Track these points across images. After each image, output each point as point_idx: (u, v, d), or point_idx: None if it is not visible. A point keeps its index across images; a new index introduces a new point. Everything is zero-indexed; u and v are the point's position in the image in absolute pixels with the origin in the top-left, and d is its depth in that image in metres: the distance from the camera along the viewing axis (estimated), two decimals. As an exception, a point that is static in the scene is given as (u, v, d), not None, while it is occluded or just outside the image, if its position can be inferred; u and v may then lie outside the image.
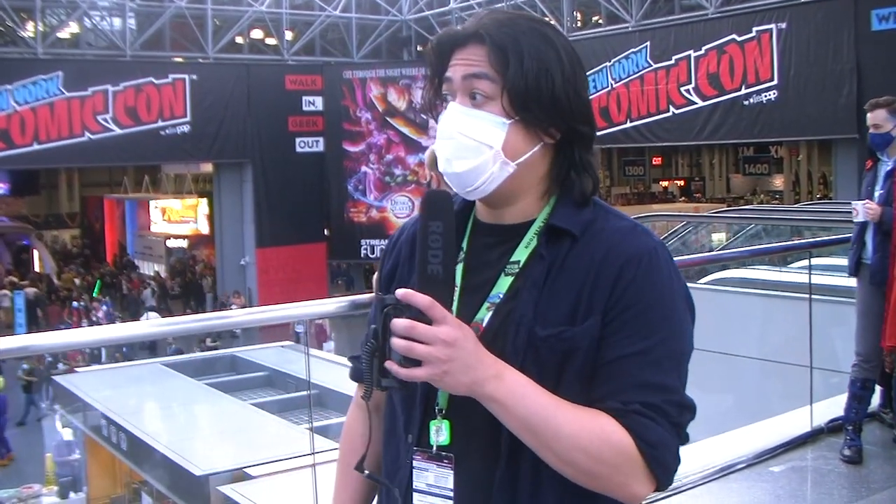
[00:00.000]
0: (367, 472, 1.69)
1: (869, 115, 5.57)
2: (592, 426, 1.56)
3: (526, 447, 1.59)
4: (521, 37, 1.66)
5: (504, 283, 1.67)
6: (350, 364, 1.94)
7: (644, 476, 1.57)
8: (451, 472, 1.65)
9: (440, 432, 1.66)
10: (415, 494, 1.69)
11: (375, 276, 1.96)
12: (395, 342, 1.48)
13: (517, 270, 1.67)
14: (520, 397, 1.54)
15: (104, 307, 29.33)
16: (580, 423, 1.56)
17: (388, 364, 1.49)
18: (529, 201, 1.72)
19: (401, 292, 1.49)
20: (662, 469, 1.58)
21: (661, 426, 1.57)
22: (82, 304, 30.38)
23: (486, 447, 1.64)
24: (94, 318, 28.00)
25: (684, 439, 1.64)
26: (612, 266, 1.62)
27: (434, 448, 1.67)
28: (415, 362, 1.48)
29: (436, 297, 1.50)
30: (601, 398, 1.59)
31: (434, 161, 4.26)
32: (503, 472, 1.63)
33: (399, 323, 1.48)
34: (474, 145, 1.66)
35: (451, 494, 1.65)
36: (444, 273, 1.54)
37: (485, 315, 1.67)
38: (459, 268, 1.73)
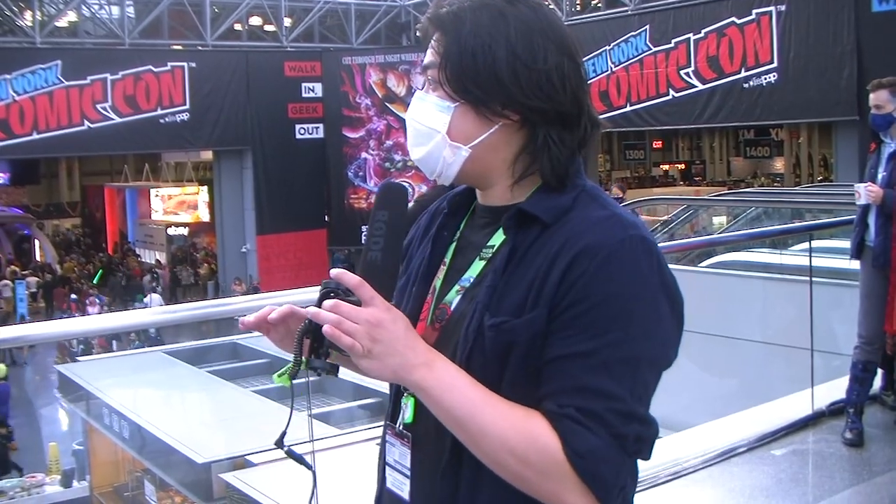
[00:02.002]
0: (286, 447, 1.65)
1: (871, 95, 5.55)
2: (522, 426, 1.46)
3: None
4: (464, 14, 1.60)
5: (476, 267, 1.65)
6: None
7: (577, 487, 1.44)
8: (409, 450, 1.66)
9: (406, 409, 1.66)
10: (387, 469, 1.72)
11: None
12: (322, 316, 1.46)
13: (490, 255, 1.63)
14: (447, 388, 1.48)
15: (98, 301, 29.18)
16: (509, 421, 1.47)
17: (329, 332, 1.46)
18: (502, 185, 1.66)
19: (335, 272, 1.49)
20: (595, 481, 1.44)
21: (595, 435, 1.44)
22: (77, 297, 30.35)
23: (438, 429, 1.57)
24: (88, 312, 28.01)
25: (635, 453, 1.50)
26: (565, 257, 1.50)
27: (399, 425, 1.68)
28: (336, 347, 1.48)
29: (372, 283, 1.48)
30: (541, 399, 1.49)
31: None
32: (448, 456, 1.59)
33: (326, 302, 1.47)
34: (426, 131, 1.65)
35: (409, 473, 1.66)
36: (381, 259, 1.53)
37: (454, 298, 1.65)
38: (452, 248, 1.73)
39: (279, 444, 1.63)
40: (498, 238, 1.63)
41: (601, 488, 1.45)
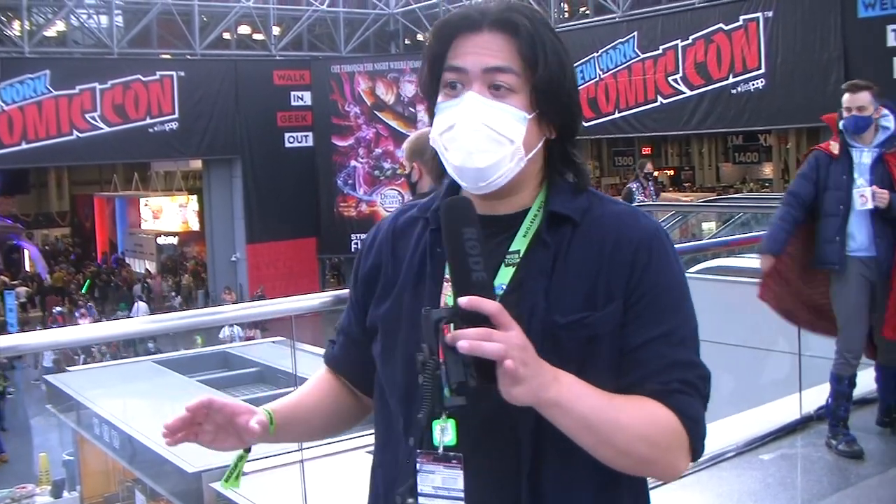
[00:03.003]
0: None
1: (850, 96, 5.40)
2: (643, 413, 1.57)
3: (550, 446, 1.60)
4: (541, 29, 1.65)
5: (506, 274, 1.65)
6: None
7: (686, 451, 1.61)
8: (461, 472, 1.58)
9: (446, 432, 1.58)
10: (421, 499, 1.62)
11: (353, 270, 1.93)
12: (487, 347, 1.40)
13: (517, 260, 1.65)
14: (577, 397, 1.52)
15: (89, 313, 29.00)
16: (632, 412, 1.57)
17: (469, 346, 1.39)
18: (527, 193, 1.71)
19: (465, 300, 1.42)
20: (700, 441, 1.62)
21: (696, 400, 1.62)
22: (64, 309, 30.14)
23: (495, 445, 1.61)
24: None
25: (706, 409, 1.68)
26: (625, 251, 1.63)
27: (441, 449, 1.59)
28: (485, 375, 1.43)
29: None
30: (638, 382, 1.60)
31: (416, 151, 4.25)
32: (529, 471, 1.61)
33: (470, 331, 1.41)
34: (498, 138, 1.63)
35: (462, 495, 1.59)
36: (487, 279, 1.49)
37: None
38: None
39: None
40: (520, 243, 1.67)
41: (702, 446, 1.63)
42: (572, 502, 1.64)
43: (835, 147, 5.48)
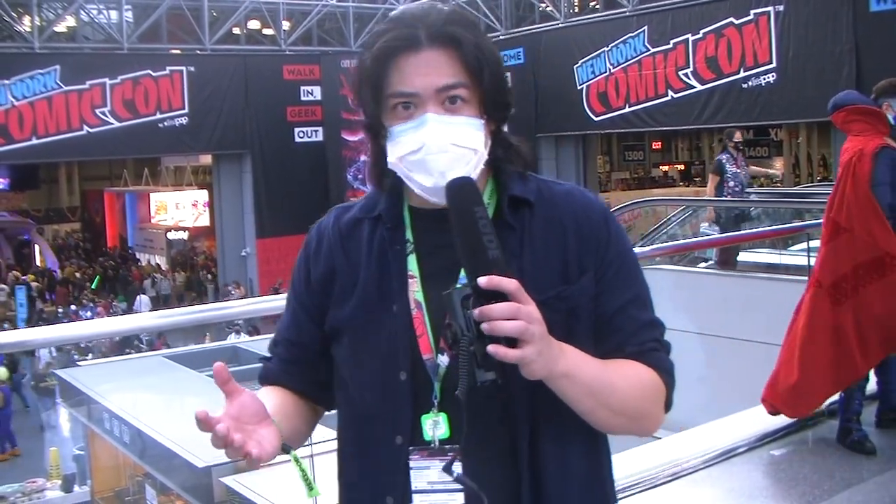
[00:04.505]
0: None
1: None
2: (630, 373, 1.69)
3: (544, 422, 1.66)
4: (477, 35, 1.69)
5: None
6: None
7: (663, 403, 1.75)
8: (459, 464, 1.59)
9: (439, 425, 1.64)
10: (415, 497, 1.65)
11: (297, 277, 1.93)
12: (503, 325, 1.45)
13: None
14: (581, 365, 1.61)
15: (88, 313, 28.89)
16: (622, 373, 1.68)
17: (494, 348, 1.45)
18: (480, 181, 1.71)
19: (484, 280, 1.46)
20: (673, 391, 1.76)
21: (666, 355, 1.76)
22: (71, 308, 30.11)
23: (490, 432, 1.64)
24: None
25: None
26: (591, 225, 1.74)
27: (435, 443, 1.64)
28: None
29: None
30: (618, 346, 1.72)
31: None
32: (528, 451, 1.66)
33: (501, 306, 1.46)
34: (465, 153, 1.65)
35: (460, 486, 1.62)
36: (501, 256, 1.52)
37: None
38: (412, 258, 1.73)
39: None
40: None
41: (672, 395, 1.76)
42: (568, 473, 1.70)
43: (894, 143, 5.42)
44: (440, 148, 1.63)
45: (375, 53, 1.67)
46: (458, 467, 1.58)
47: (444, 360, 1.65)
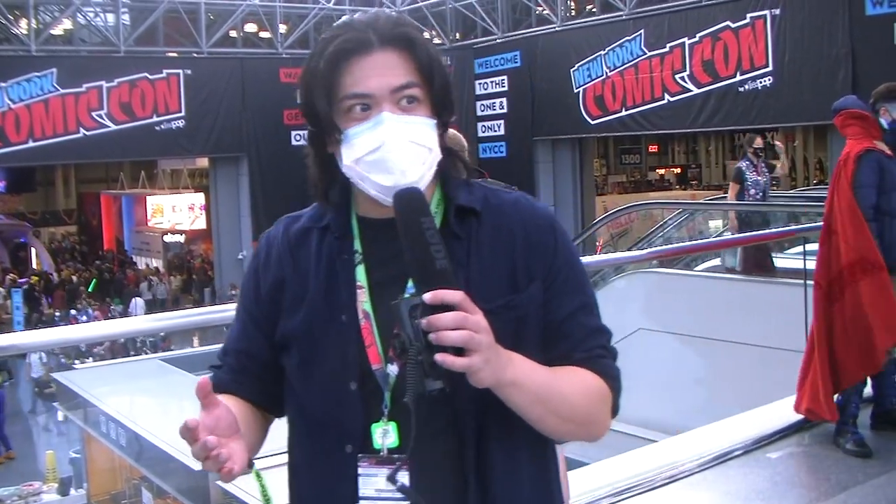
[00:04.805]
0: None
1: None
2: (578, 380, 1.69)
3: (492, 432, 1.66)
4: (419, 36, 1.71)
5: None
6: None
7: (610, 409, 1.76)
8: (406, 472, 1.63)
9: (388, 434, 1.65)
10: (362, 503, 1.67)
11: (247, 288, 1.89)
12: (449, 335, 1.46)
13: None
14: (530, 373, 1.61)
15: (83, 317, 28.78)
16: (571, 381, 1.68)
17: (441, 357, 1.46)
18: (428, 190, 1.72)
19: (429, 296, 1.47)
20: (619, 397, 1.77)
21: (612, 361, 1.77)
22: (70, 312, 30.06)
23: (438, 440, 1.65)
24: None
25: None
26: (539, 234, 1.75)
27: (384, 451, 1.65)
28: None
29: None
30: (566, 353, 1.72)
31: None
32: (475, 460, 1.66)
33: (448, 316, 1.47)
34: (423, 151, 1.67)
35: (405, 495, 1.64)
36: (449, 266, 1.52)
37: None
38: (360, 268, 1.73)
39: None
40: None
41: (619, 399, 1.77)
42: (515, 482, 1.70)
43: (885, 147, 5.44)
44: (400, 145, 1.64)
45: (327, 57, 1.68)
46: (403, 476, 1.62)
47: (393, 369, 1.65)
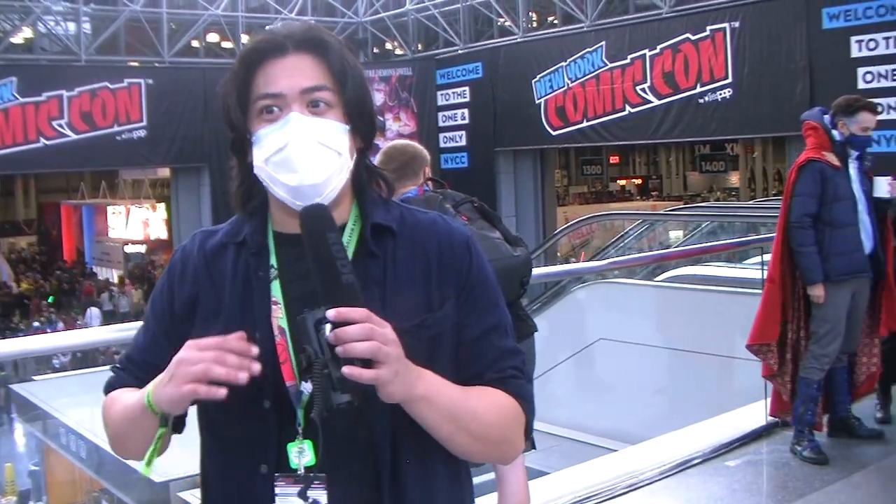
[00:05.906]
0: None
1: (871, 116, 5.49)
2: (490, 400, 1.69)
3: (407, 449, 1.66)
4: (343, 47, 1.72)
5: None
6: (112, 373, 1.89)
7: (523, 430, 1.76)
8: (324, 491, 1.62)
9: (304, 453, 1.63)
10: None
11: (159, 301, 1.86)
12: (356, 347, 1.44)
13: None
14: (439, 391, 1.61)
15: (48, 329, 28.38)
16: (482, 400, 1.68)
17: (349, 369, 1.44)
18: (343, 208, 1.74)
19: (333, 313, 1.46)
20: (533, 418, 1.78)
21: (525, 382, 1.77)
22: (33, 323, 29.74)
23: (354, 458, 1.65)
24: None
25: None
26: (453, 253, 1.75)
27: (301, 470, 1.63)
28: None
29: (355, 305, 1.48)
30: (479, 373, 1.72)
31: (381, 162, 4.27)
32: (390, 478, 1.66)
33: (355, 328, 1.45)
34: (329, 153, 1.67)
35: None
36: (355, 280, 1.52)
37: None
38: (276, 284, 1.72)
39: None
40: None
41: (533, 420, 1.78)
42: (430, 497, 1.71)
43: (833, 158, 5.51)
44: (305, 145, 1.64)
45: (243, 58, 1.71)
46: (320, 494, 1.61)
47: (307, 386, 1.60)
